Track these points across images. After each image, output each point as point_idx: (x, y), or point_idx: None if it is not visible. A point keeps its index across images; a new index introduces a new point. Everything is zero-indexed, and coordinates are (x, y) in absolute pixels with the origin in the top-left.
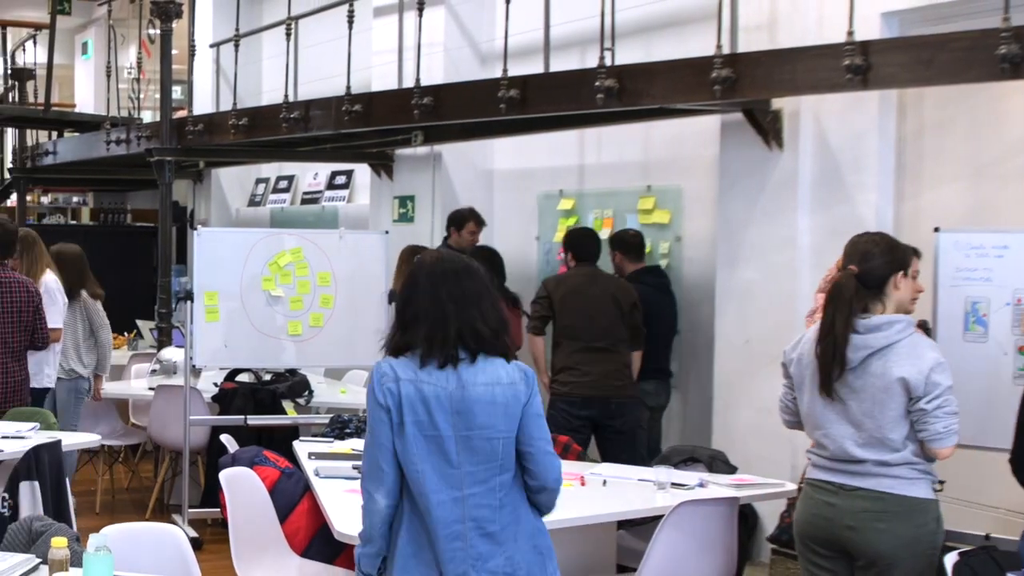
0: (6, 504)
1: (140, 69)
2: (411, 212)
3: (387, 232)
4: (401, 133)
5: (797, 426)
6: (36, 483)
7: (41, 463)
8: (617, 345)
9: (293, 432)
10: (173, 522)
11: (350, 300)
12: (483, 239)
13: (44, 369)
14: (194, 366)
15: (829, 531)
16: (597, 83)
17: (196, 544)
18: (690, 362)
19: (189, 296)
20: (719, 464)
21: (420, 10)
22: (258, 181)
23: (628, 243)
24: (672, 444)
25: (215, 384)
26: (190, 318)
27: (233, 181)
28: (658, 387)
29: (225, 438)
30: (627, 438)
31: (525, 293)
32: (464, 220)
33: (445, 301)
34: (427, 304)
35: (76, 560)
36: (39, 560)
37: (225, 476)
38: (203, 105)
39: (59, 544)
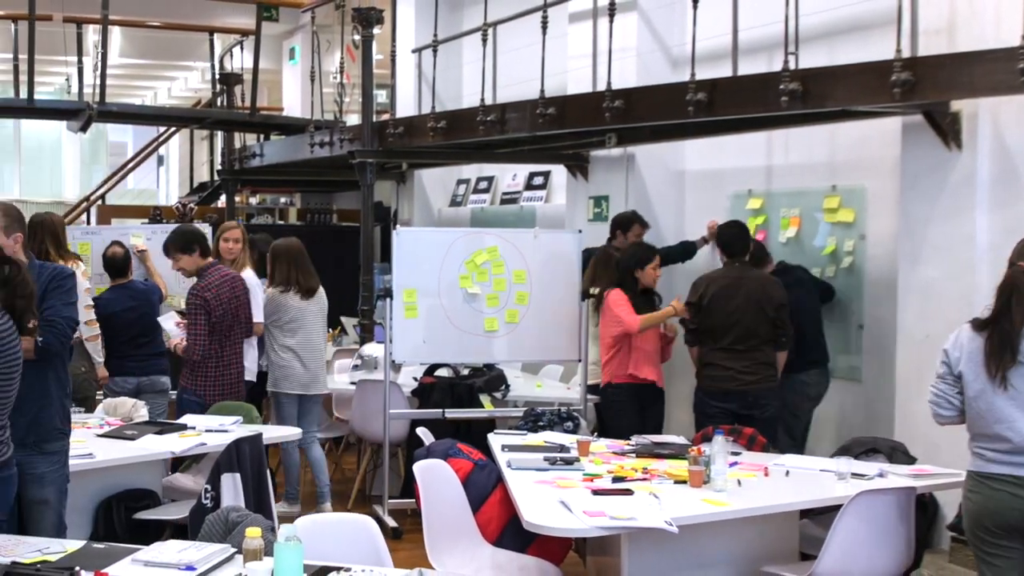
0: (208, 495)
1: (343, 74)
2: (605, 211)
3: (580, 231)
4: (595, 135)
5: (955, 421)
6: (237, 475)
7: (242, 456)
8: (758, 345)
9: (490, 425)
10: (374, 512)
11: (545, 297)
12: (675, 238)
13: (246, 364)
14: (394, 361)
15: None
16: (781, 86)
17: (396, 534)
18: (873, 356)
19: (389, 294)
20: (899, 455)
21: (612, 16)
22: (459, 182)
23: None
24: (854, 436)
25: (415, 379)
26: (390, 315)
27: (435, 182)
28: (817, 377)
29: (421, 431)
30: (767, 425)
31: None
32: (630, 223)
33: None
34: None
35: (270, 550)
36: (234, 550)
37: (419, 468)
38: (406, 108)
39: (253, 534)
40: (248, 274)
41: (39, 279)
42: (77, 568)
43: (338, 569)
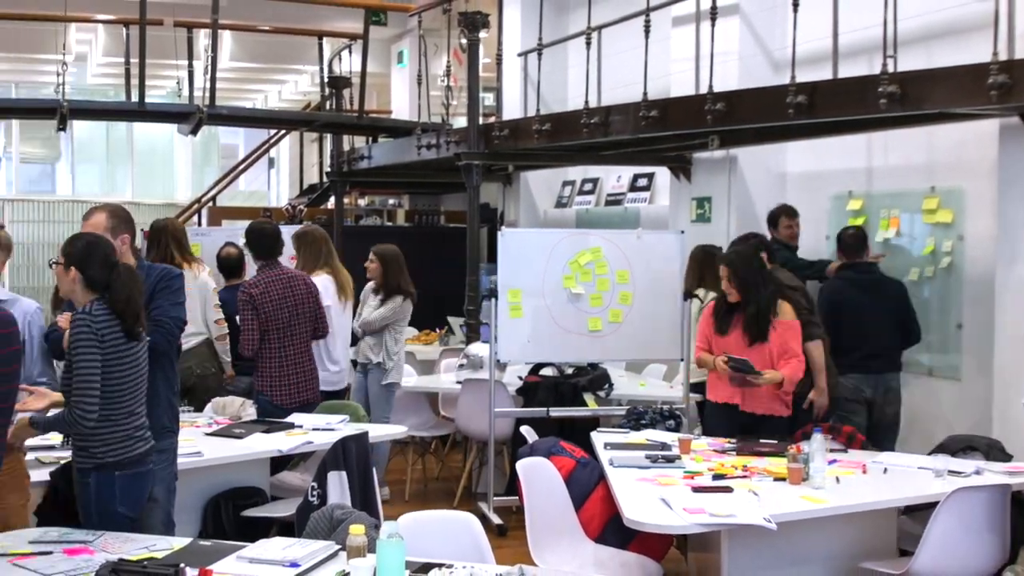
0: (315, 493)
1: (450, 77)
2: (708, 213)
3: (683, 232)
4: (698, 137)
5: None
6: (343, 473)
7: (348, 454)
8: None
9: (593, 423)
10: (479, 510)
11: (648, 297)
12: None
13: (331, 375)
14: (499, 361)
15: None
16: (880, 89)
17: (501, 531)
18: (971, 355)
19: (494, 294)
20: (996, 452)
21: (714, 19)
22: (564, 183)
23: (843, 240)
24: (952, 433)
25: (519, 378)
26: (495, 315)
27: (541, 183)
28: (856, 381)
29: (525, 429)
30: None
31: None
32: (776, 217)
33: None
34: None
35: (374, 546)
36: (338, 547)
37: (522, 466)
38: (512, 111)
39: (357, 531)
40: (323, 279)
41: (147, 280)
42: (182, 565)
43: (440, 566)
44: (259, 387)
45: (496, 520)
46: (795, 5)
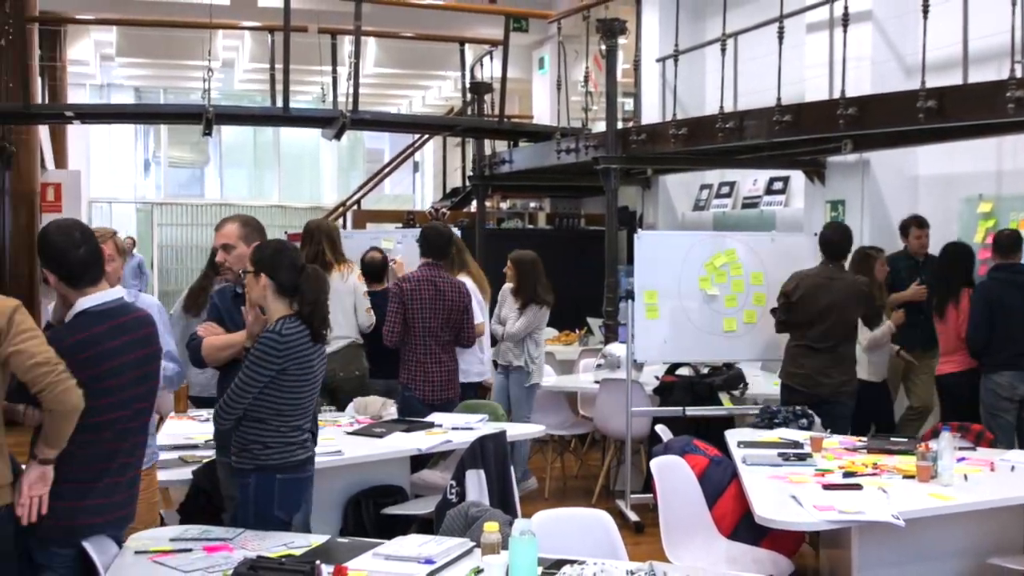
0: (453, 491)
1: (589, 82)
2: (841, 215)
3: (816, 234)
4: (832, 141)
5: None
6: (482, 471)
7: (487, 452)
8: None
9: (728, 422)
10: (616, 507)
11: None
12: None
13: (474, 366)
14: (635, 360)
15: None
16: (1008, 94)
17: (639, 528)
18: None
19: (630, 295)
20: None
21: (845, 26)
22: (702, 187)
23: (998, 240)
24: None
25: (656, 377)
26: (631, 316)
27: (679, 187)
28: (1011, 379)
29: (660, 428)
30: None
31: None
32: (907, 227)
33: None
34: None
35: (508, 544)
36: (473, 543)
37: (656, 464)
38: (650, 116)
39: (491, 528)
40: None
41: None
42: (318, 562)
43: (572, 562)
44: (403, 381)
45: (633, 517)
46: (925, 11)
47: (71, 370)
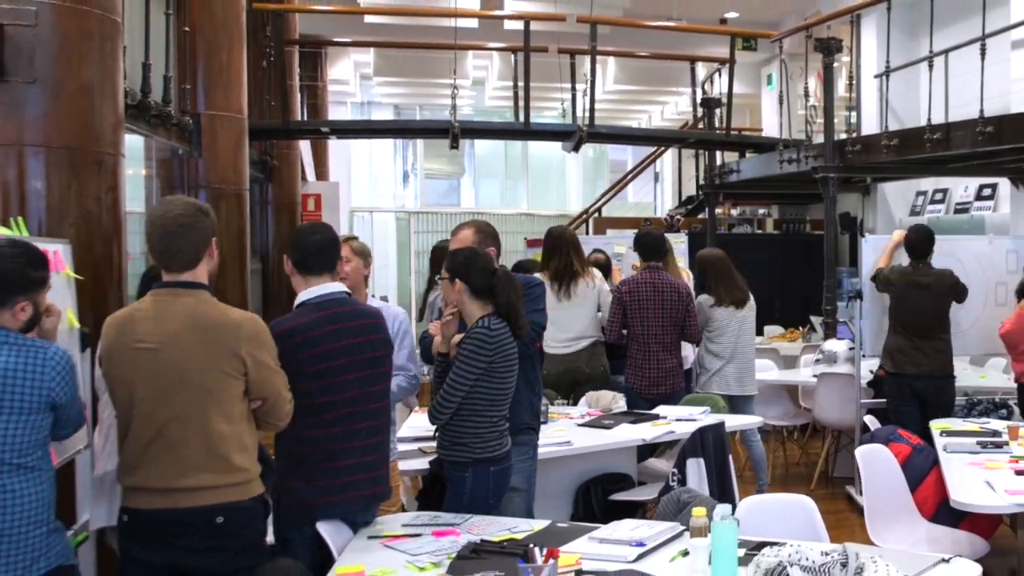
0: (675, 478)
1: (811, 97)
2: None
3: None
4: None
5: None
6: (701, 460)
7: (706, 442)
8: None
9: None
10: (846, 492)
11: (991, 297)
12: None
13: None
14: (863, 355)
15: None
16: None
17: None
18: None
19: (859, 295)
20: None
21: None
22: (917, 193)
23: None
24: None
25: (870, 371)
26: (860, 314)
27: (896, 194)
28: None
29: (868, 418)
30: None
31: None
32: None
33: None
34: None
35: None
36: (683, 528)
37: (861, 452)
38: (869, 128)
39: (699, 513)
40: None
41: None
42: (532, 545)
43: (773, 544)
44: (627, 377)
45: (862, 500)
46: None
47: (281, 356)
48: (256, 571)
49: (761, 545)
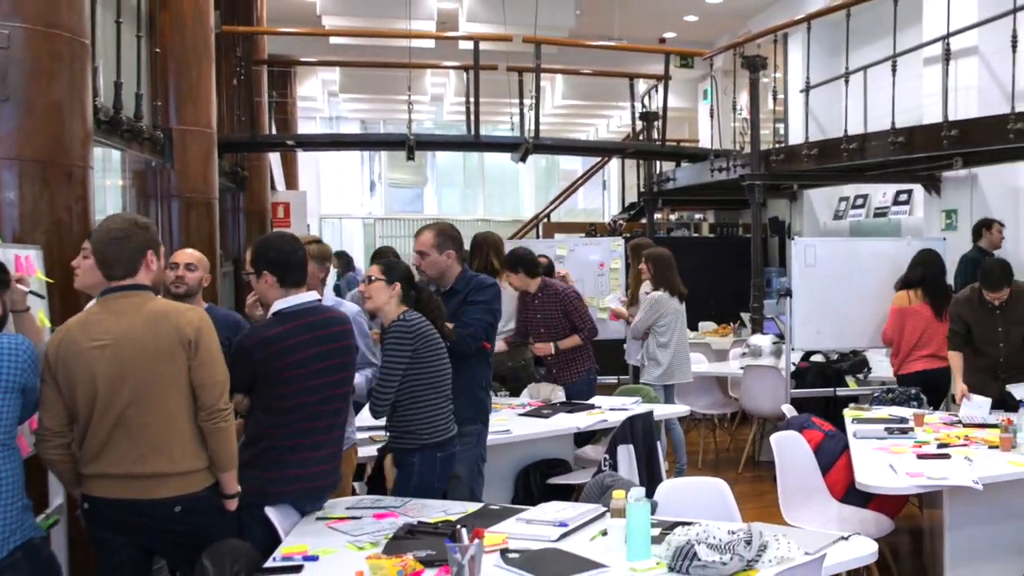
0: (607, 463)
1: (742, 110)
2: (955, 222)
3: (944, 239)
4: (944, 159)
5: None
6: (631, 446)
7: (635, 430)
8: None
9: (850, 401)
10: (766, 476)
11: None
12: (1013, 246)
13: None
14: (779, 349)
15: None
16: None
17: None
18: None
19: (788, 293)
20: None
21: (947, 60)
22: (840, 199)
23: None
24: None
25: (792, 364)
26: (789, 311)
27: (821, 199)
28: None
29: (786, 407)
30: None
31: None
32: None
33: None
34: None
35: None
36: (604, 509)
37: (776, 439)
38: (796, 139)
39: (618, 496)
40: None
41: (466, 287)
42: (459, 526)
43: (685, 524)
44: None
45: None
46: (1014, 46)
47: (260, 362)
48: (205, 552)
49: (675, 525)
